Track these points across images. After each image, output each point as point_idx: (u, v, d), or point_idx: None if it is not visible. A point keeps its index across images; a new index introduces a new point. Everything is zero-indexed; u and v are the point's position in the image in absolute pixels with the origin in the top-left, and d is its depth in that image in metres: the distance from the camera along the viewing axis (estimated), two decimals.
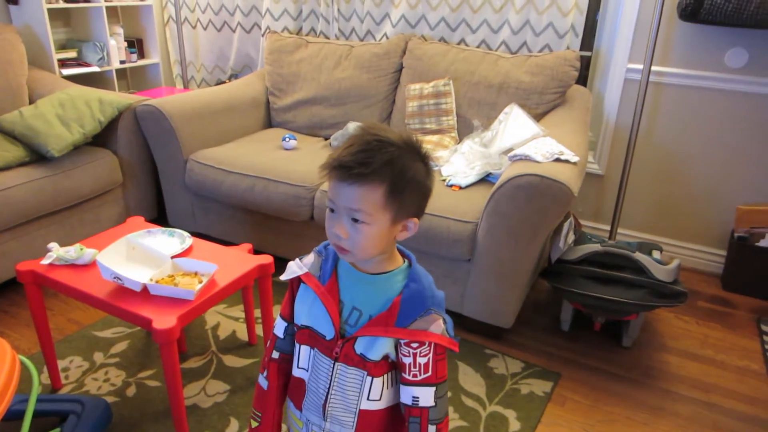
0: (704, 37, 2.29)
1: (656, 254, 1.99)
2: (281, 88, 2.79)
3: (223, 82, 3.28)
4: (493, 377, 1.82)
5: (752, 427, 1.69)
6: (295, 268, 0.96)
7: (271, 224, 2.29)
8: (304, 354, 0.96)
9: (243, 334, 1.96)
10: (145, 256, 1.51)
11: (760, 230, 2.33)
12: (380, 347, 0.88)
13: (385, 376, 0.92)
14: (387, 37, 2.77)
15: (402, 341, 0.88)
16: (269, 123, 2.87)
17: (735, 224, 2.41)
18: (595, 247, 1.85)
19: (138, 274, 1.43)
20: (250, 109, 2.75)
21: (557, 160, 1.78)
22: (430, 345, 0.88)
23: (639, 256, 1.81)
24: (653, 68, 2.32)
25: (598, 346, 2.03)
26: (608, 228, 2.59)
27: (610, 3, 2.47)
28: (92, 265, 1.52)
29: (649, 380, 1.87)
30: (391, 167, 0.81)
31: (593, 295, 1.82)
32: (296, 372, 0.97)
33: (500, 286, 1.88)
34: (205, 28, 3.31)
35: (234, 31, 3.24)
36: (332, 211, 0.85)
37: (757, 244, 2.32)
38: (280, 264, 1.66)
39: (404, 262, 0.93)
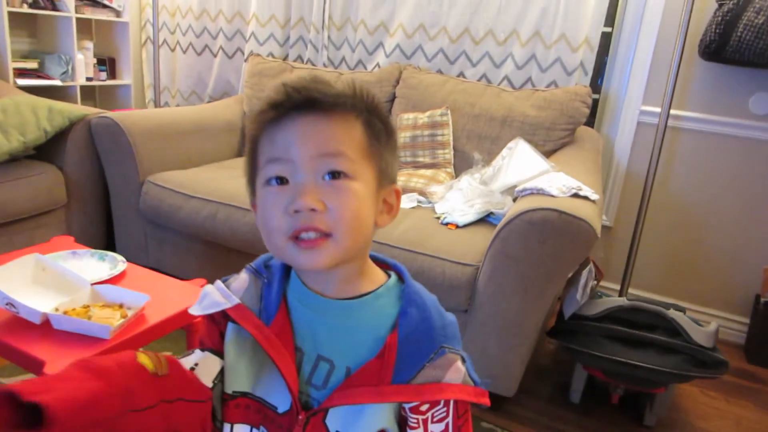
0: (727, 79, 2.09)
1: (680, 313, 1.69)
2: None
3: None
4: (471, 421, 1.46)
5: None
6: (217, 298, 0.60)
7: (233, 259, 1.96)
8: None
9: None
10: (59, 281, 1.17)
11: None
12: (370, 421, 0.55)
13: None
14: (379, 68, 2.55)
15: (406, 405, 0.55)
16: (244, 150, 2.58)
17: (762, 288, 2.14)
18: (620, 300, 1.55)
19: (42, 302, 1.08)
20: (223, 134, 2.47)
21: (575, 195, 1.51)
22: (447, 404, 0.56)
23: (675, 314, 1.51)
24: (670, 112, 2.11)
25: (615, 423, 1.69)
26: (616, 287, 2.30)
27: (622, 40, 2.28)
28: None
29: None
30: (362, 98, 0.55)
31: (617, 359, 1.49)
32: None
33: (503, 345, 1.56)
34: (184, 52, 3.08)
35: (215, 56, 3.01)
36: (281, 181, 0.53)
37: None
38: None
39: (388, 276, 0.61)
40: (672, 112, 2.10)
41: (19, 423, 0.45)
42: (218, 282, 0.63)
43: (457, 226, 1.79)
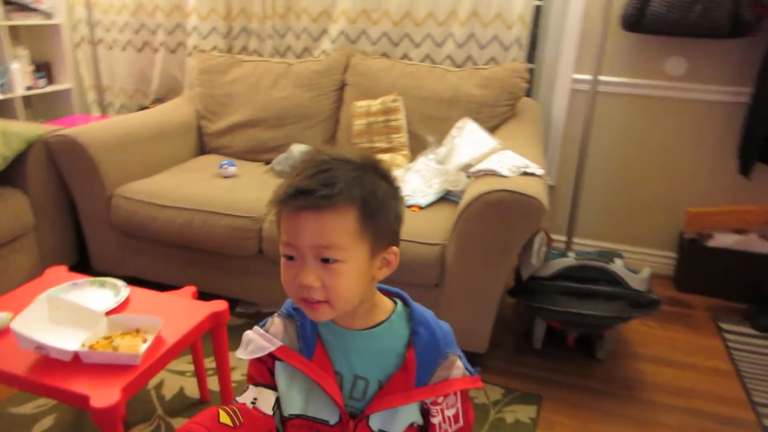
0: (646, 47, 2.31)
1: (619, 262, 1.94)
2: (214, 111, 2.58)
3: (146, 107, 3.00)
4: (476, 408, 1.69)
5: (733, 429, 1.67)
6: (261, 342, 0.75)
7: (214, 261, 2.06)
8: None
9: (193, 391, 1.72)
10: (73, 315, 1.27)
11: (708, 231, 2.36)
12: (404, 417, 0.73)
13: None
14: (326, 54, 2.63)
15: (427, 401, 0.73)
16: (202, 149, 2.64)
17: (685, 227, 2.43)
18: (569, 261, 1.78)
19: (66, 340, 1.19)
20: (180, 135, 2.51)
21: (524, 173, 1.70)
22: (456, 394, 0.74)
23: (614, 266, 1.75)
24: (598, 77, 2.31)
25: (573, 362, 1.95)
26: (563, 239, 2.55)
27: (552, 15, 2.45)
28: (5, 332, 1.26)
29: (630, 392, 1.81)
30: (360, 185, 0.67)
31: (572, 311, 1.74)
32: None
33: (473, 310, 1.77)
34: (123, 49, 3.03)
35: (156, 52, 2.98)
36: (290, 258, 0.67)
37: (707, 244, 2.34)
38: (229, 306, 1.47)
39: (394, 303, 0.78)
40: (600, 78, 2.31)
41: None
42: (257, 328, 0.78)
43: (420, 207, 1.96)
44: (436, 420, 0.74)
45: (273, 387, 0.77)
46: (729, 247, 2.31)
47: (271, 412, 0.76)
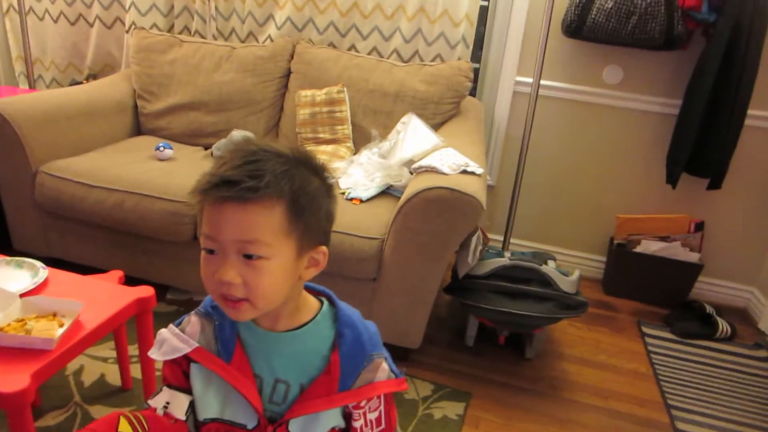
0: (585, 54, 2.39)
1: (552, 264, 2.00)
2: (152, 92, 2.48)
3: (80, 83, 2.86)
4: (405, 404, 1.71)
5: (649, 429, 1.75)
6: (176, 343, 0.71)
7: (144, 246, 1.99)
8: None
9: (115, 378, 1.65)
10: None
11: (636, 237, 2.47)
12: (325, 421, 0.71)
13: None
14: (271, 40, 2.58)
15: (351, 405, 0.72)
16: (138, 130, 2.53)
17: (615, 232, 2.54)
18: (503, 261, 1.82)
19: None
20: (114, 114, 2.40)
21: (464, 172, 1.72)
22: (380, 397, 0.73)
23: (546, 268, 1.80)
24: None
25: (503, 359, 2.00)
26: (500, 238, 2.61)
27: (497, 16, 2.49)
28: None
29: (554, 391, 1.87)
30: (290, 179, 0.64)
31: (503, 310, 1.78)
32: None
33: (408, 305, 1.78)
34: (55, 21, 2.87)
35: (92, 26, 2.84)
36: (211, 252, 0.64)
37: (634, 250, 2.45)
38: (160, 292, 1.41)
39: (320, 303, 0.75)
40: (542, 82, 2.37)
41: None
42: (172, 327, 0.74)
43: (361, 201, 1.95)
44: (357, 424, 0.73)
45: (187, 390, 0.73)
46: (654, 253, 2.42)
47: (183, 417, 0.72)
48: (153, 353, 0.73)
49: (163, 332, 0.74)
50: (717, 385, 1.97)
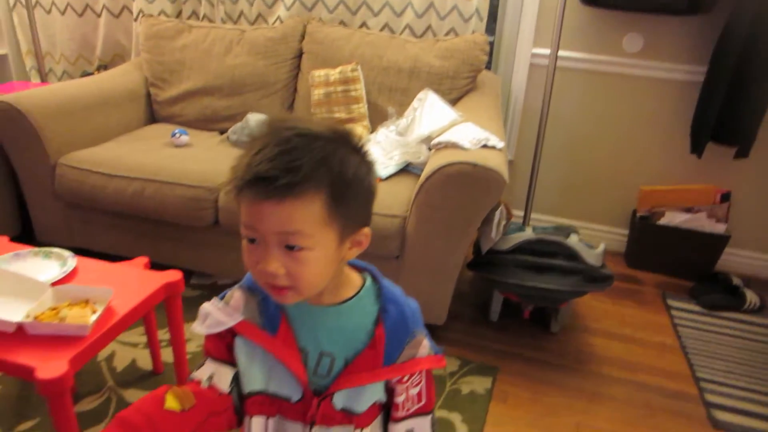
0: (604, 22, 2.33)
1: (575, 237, 1.98)
2: (164, 79, 2.47)
3: (91, 74, 2.85)
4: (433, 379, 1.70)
5: (677, 402, 1.73)
6: (221, 317, 0.70)
7: (168, 232, 1.99)
8: (257, 427, 0.72)
9: (146, 363, 1.66)
10: (16, 287, 1.20)
11: (660, 209, 2.43)
12: (369, 395, 0.71)
13: (375, 421, 0.74)
14: (281, 21, 2.55)
15: (394, 379, 0.71)
16: (152, 118, 2.53)
17: (637, 204, 2.50)
18: (528, 235, 1.80)
19: (8, 311, 1.12)
20: (127, 103, 2.40)
21: (485, 146, 1.70)
22: (421, 373, 0.73)
23: (571, 242, 1.78)
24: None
25: (528, 335, 1.99)
26: (520, 213, 2.58)
27: None
28: None
29: (581, 365, 1.86)
30: (328, 167, 0.61)
31: (530, 285, 1.76)
32: None
33: (432, 282, 1.77)
34: (62, 13, 2.85)
35: (99, 16, 2.82)
36: (252, 241, 0.63)
37: (658, 222, 2.42)
38: (184, 278, 1.41)
39: (363, 279, 0.75)
40: (560, 53, 2.32)
41: None
42: (215, 301, 0.73)
43: (381, 179, 1.94)
44: (400, 399, 0.73)
45: (231, 363, 0.73)
46: (678, 226, 2.38)
47: (228, 390, 0.72)
48: (197, 327, 0.73)
49: (207, 306, 0.73)
50: (745, 356, 1.95)
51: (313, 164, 0.60)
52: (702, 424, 1.65)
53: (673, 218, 2.39)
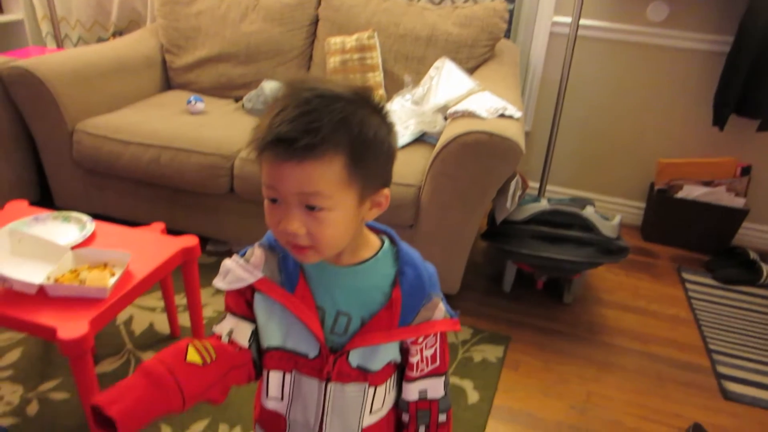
0: None
1: (590, 209, 1.97)
2: (179, 45, 2.46)
3: (106, 40, 2.85)
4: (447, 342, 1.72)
5: (688, 373, 1.73)
6: (241, 273, 0.72)
7: (183, 199, 2.01)
8: (275, 381, 0.75)
9: (163, 327, 1.70)
10: (37, 249, 1.22)
11: (678, 182, 2.40)
12: (384, 354, 0.72)
13: (389, 380, 0.76)
14: None
15: (408, 340, 0.72)
16: (168, 85, 2.52)
17: (655, 177, 2.46)
18: (543, 206, 1.79)
19: (30, 273, 1.15)
20: (143, 70, 2.39)
21: (502, 115, 1.67)
22: (436, 335, 0.74)
23: (587, 213, 1.77)
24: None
25: (541, 305, 2.00)
26: (536, 185, 2.57)
27: None
28: None
29: (593, 335, 1.87)
30: (347, 128, 0.61)
31: (544, 255, 1.76)
32: (267, 403, 0.77)
33: (446, 252, 1.77)
34: None
35: None
36: (274, 201, 0.64)
37: (675, 195, 2.39)
38: (201, 243, 1.44)
39: (381, 241, 0.75)
40: (581, 21, 2.27)
41: (105, 424, 0.60)
42: (236, 257, 0.75)
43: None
44: (414, 359, 0.74)
45: (250, 319, 0.75)
46: (696, 199, 2.35)
47: (247, 345, 0.74)
48: (218, 282, 0.74)
49: (228, 262, 0.75)
50: (759, 330, 1.94)
51: (333, 125, 0.60)
52: (713, 394, 1.66)
53: (691, 191, 2.36)
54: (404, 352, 0.75)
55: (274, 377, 0.74)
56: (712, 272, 2.26)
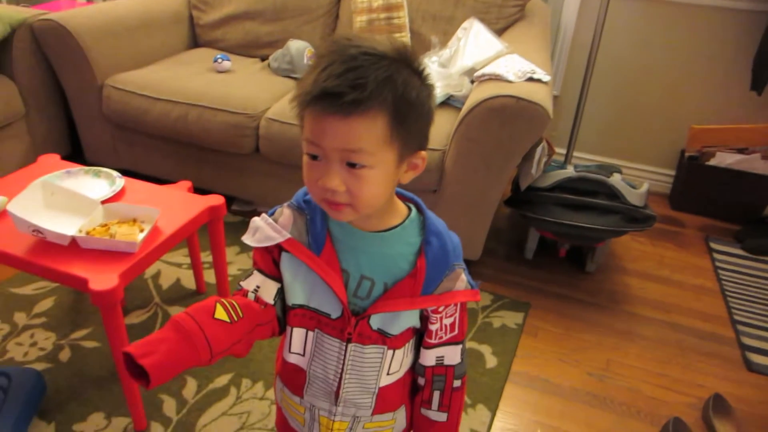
0: None
1: (618, 177, 1.93)
2: (206, 1, 2.44)
3: None
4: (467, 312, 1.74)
5: (711, 344, 1.73)
6: (270, 232, 0.73)
7: (209, 157, 2.03)
8: (298, 338, 0.77)
9: (189, 283, 1.75)
10: (69, 202, 1.26)
11: (711, 149, 2.33)
12: (404, 320, 0.73)
13: (407, 344, 0.78)
14: None
15: (429, 308, 0.74)
16: (195, 42, 2.52)
17: (687, 144, 2.40)
18: (569, 173, 1.76)
19: (62, 225, 1.18)
20: (171, 26, 2.39)
21: (530, 79, 1.64)
22: (456, 304, 0.75)
23: (613, 180, 1.74)
24: None
25: (562, 273, 1.99)
26: (562, 151, 2.52)
27: None
28: (2, 215, 1.25)
29: (614, 304, 1.86)
30: (392, 86, 0.61)
31: (568, 223, 1.74)
32: (289, 357, 0.80)
33: (469, 217, 1.77)
34: None
35: None
36: (314, 157, 0.64)
37: (707, 163, 2.33)
38: (226, 202, 1.46)
39: (409, 209, 0.76)
40: None
41: (136, 373, 0.63)
42: (265, 216, 0.76)
43: None
44: (434, 327, 0.76)
45: (276, 278, 0.77)
46: (729, 166, 2.29)
47: (272, 302, 0.76)
48: (247, 239, 0.76)
49: (257, 220, 0.76)
50: None
51: (379, 82, 0.60)
52: (736, 365, 1.66)
53: (724, 159, 2.30)
54: (424, 319, 0.76)
55: (297, 334, 0.77)
56: (741, 242, 2.22)
